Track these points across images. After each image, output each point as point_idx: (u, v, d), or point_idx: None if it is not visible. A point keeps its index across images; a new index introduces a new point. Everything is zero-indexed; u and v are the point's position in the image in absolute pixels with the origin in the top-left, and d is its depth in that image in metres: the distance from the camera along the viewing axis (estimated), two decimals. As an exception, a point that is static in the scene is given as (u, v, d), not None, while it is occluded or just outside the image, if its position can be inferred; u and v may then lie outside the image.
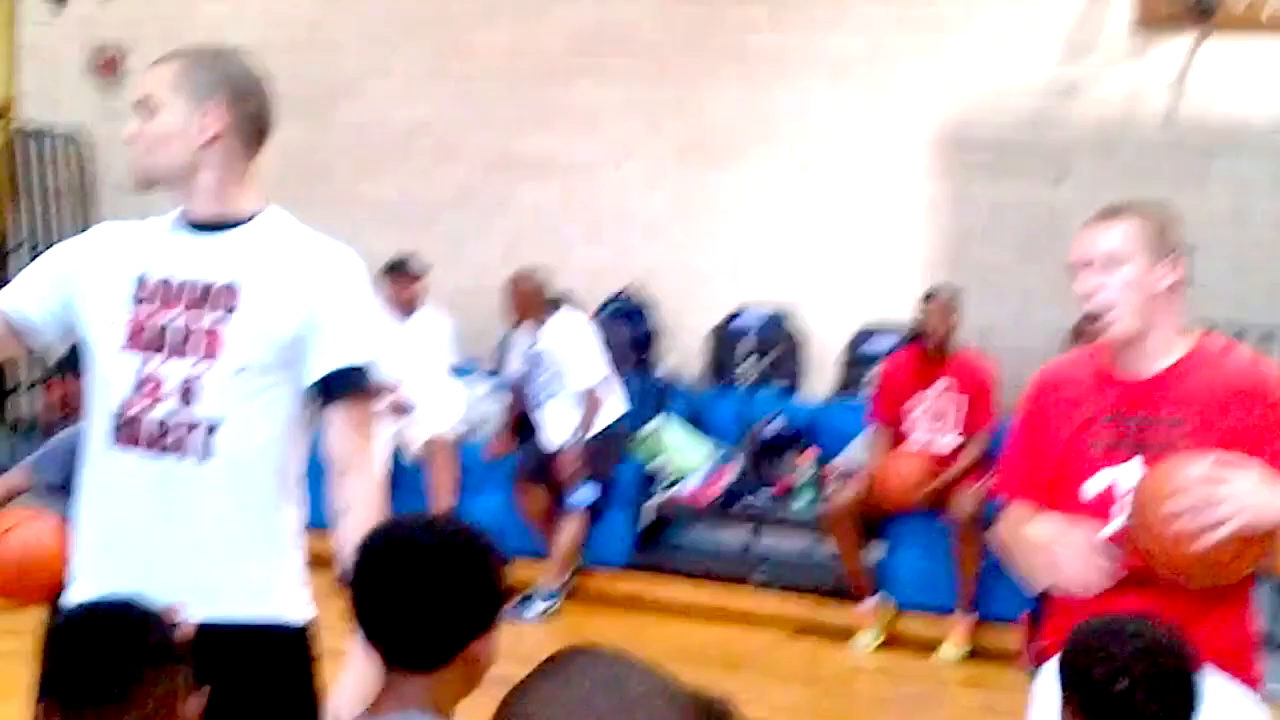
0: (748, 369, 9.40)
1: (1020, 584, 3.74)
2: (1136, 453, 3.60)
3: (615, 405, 9.01)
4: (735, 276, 9.87)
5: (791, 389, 9.58)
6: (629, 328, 9.74)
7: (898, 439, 8.59)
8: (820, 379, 9.66)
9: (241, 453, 3.32)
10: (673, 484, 9.11)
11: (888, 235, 9.55)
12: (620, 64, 10.12)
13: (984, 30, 9.31)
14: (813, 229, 9.71)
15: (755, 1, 9.79)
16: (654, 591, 8.85)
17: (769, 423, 9.18)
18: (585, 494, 8.81)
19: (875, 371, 9.03)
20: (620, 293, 10.00)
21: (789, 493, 9.10)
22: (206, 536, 3.31)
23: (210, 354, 3.33)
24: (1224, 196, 8.85)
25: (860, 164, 9.60)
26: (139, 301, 3.37)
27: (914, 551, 8.52)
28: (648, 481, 9.18)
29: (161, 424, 3.32)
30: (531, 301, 8.95)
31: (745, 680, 7.69)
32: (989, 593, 8.15)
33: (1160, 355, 3.65)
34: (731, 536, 8.97)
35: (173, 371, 3.33)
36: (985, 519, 8.25)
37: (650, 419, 9.29)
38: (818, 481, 9.02)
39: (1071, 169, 9.15)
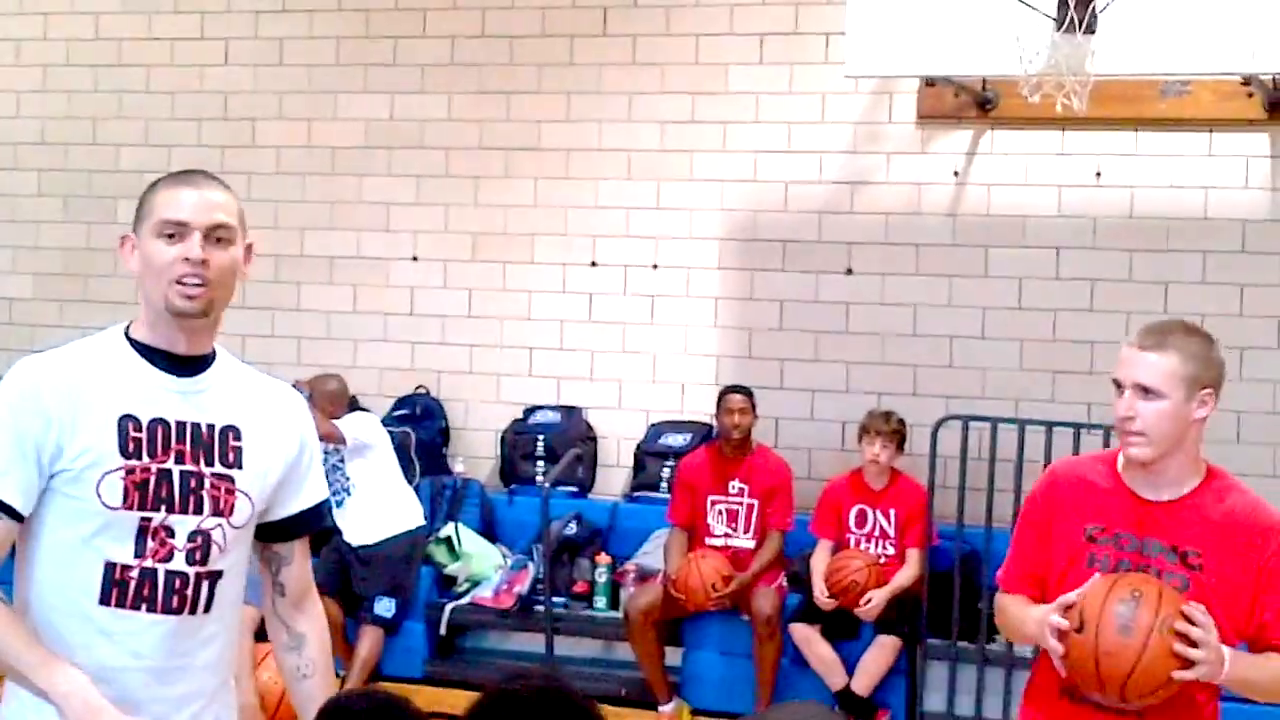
0: (542, 469, 9.28)
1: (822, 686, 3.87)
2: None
3: (412, 511, 8.85)
4: (528, 374, 9.77)
5: (585, 489, 9.47)
6: (421, 429, 9.57)
7: (695, 539, 8.56)
8: (613, 478, 9.58)
9: (232, 597, 3.38)
10: (467, 590, 8.95)
11: (678, 330, 9.52)
12: (411, 157, 9.99)
13: (772, 122, 9.34)
14: (604, 325, 9.64)
15: (547, 93, 9.72)
16: (453, 700, 8.66)
17: (564, 524, 9.07)
18: (385, 606, 8.64)
19: (671, 471, 8.99)
20: (413, 393, 9.83)
21: (586, 596, 8.99)
22: (202, 685, 3.37)
23: (224, 510, 3.30)
24: (1004, 286, 8.96)
25: (651, 258, 9.56)
26: (131, 446, 3.21)
27: (712, 654, 8.47)
28: (442, 588, 9.02)
29: (169, 583, 3.24)
30: (332, 404, 8.75)
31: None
32: (788, 692, 8.14)
33: (1176, 482, 3.82)
34: (529, 642, 8.82)
35: (180, 526, 3.26)
36: (783, 618, 8.29)
37: (444, 523, 9.13)
38: (614, 584, 8.93)
39: (859, 262, 9.20)
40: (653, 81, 9.58)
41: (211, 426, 3.30)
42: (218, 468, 3.29)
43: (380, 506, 8.69)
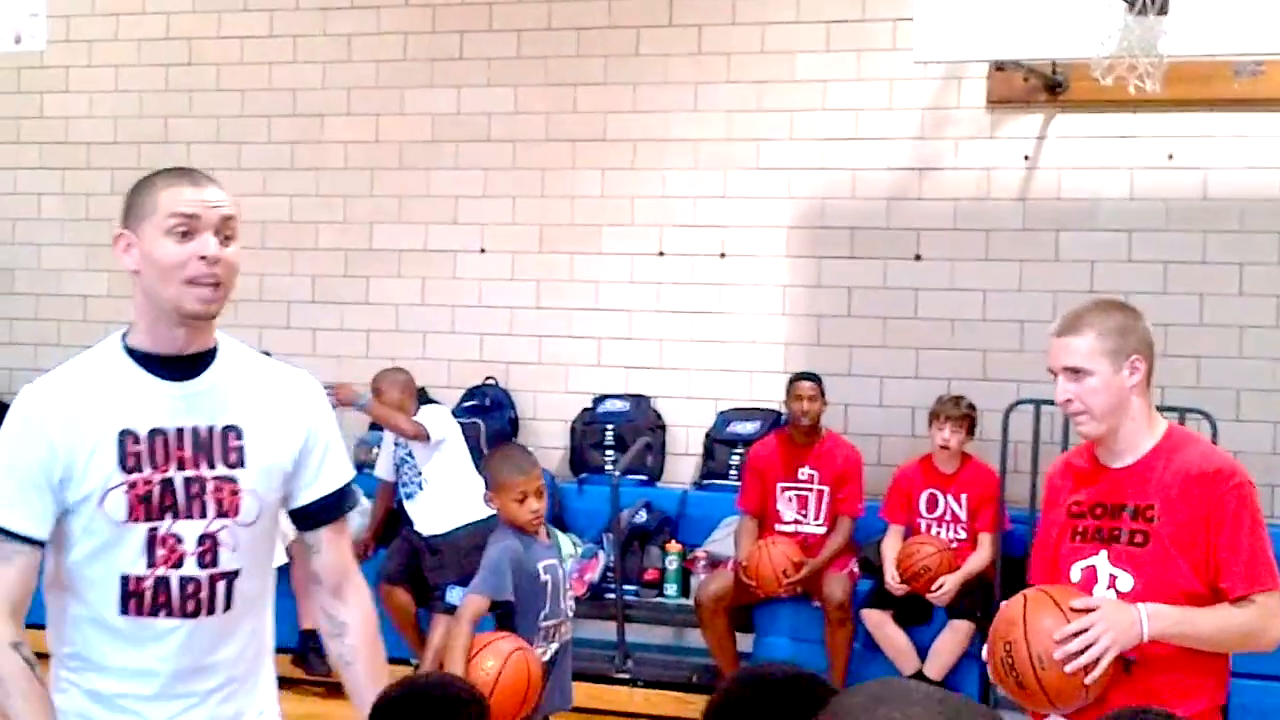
0: (612, 458, 9.28)
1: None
2: (1102, 545, 3.98)
3: (481, 502, 8.83)
4: (596, 364, 9.77)
5: (654, 477, 9.46)
6: (490, 419, 9.58)
7: (765, 526, 8.53)
8: (682, 466, 9.57)
9: (255, 591, 3.37)
10: (538, 579, 8.94)
11: (747, 318, 9.50)
12: (478, 150, 10.02)
13: (839, 110, 9.31)
14: (672, 314, 9.63)
15: (612, 85, 9.73)
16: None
17: (634, 513, 9.05)
18: (457, 595, 8.62)
19: (740, 458, 8.97)
20: (481, 384, 9.86)
21: (657, 583, 8.98)
22: (230, 675, 3.38)
23: (229, 511, 3.29)
24: (1075, 270, 8.89)
25: (718, 247, 9.54)
26: (131, 461, 3.20)
27: (783, 640, 8.43)
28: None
29: (183, 588, 3.25)
30: (401, 398, 8.78)
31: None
32: (860, 678, 8.06)
33: (1131, 448, 4.01)
34: (600, 629, 8.81)
35: (188, 532, 3.26)
36: (855, 604, 8.24)
37: (514, 513, 9.12)
38: (684, 571, 8.91)
39: (927, 248, 9.14)
40: (719, 71, 9.56)
41: (211, 428, 3.27)
42: (220, 469, 3.27)
43: (451, 497, 8.70)
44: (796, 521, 8.52)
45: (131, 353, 3.27)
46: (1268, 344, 8.64)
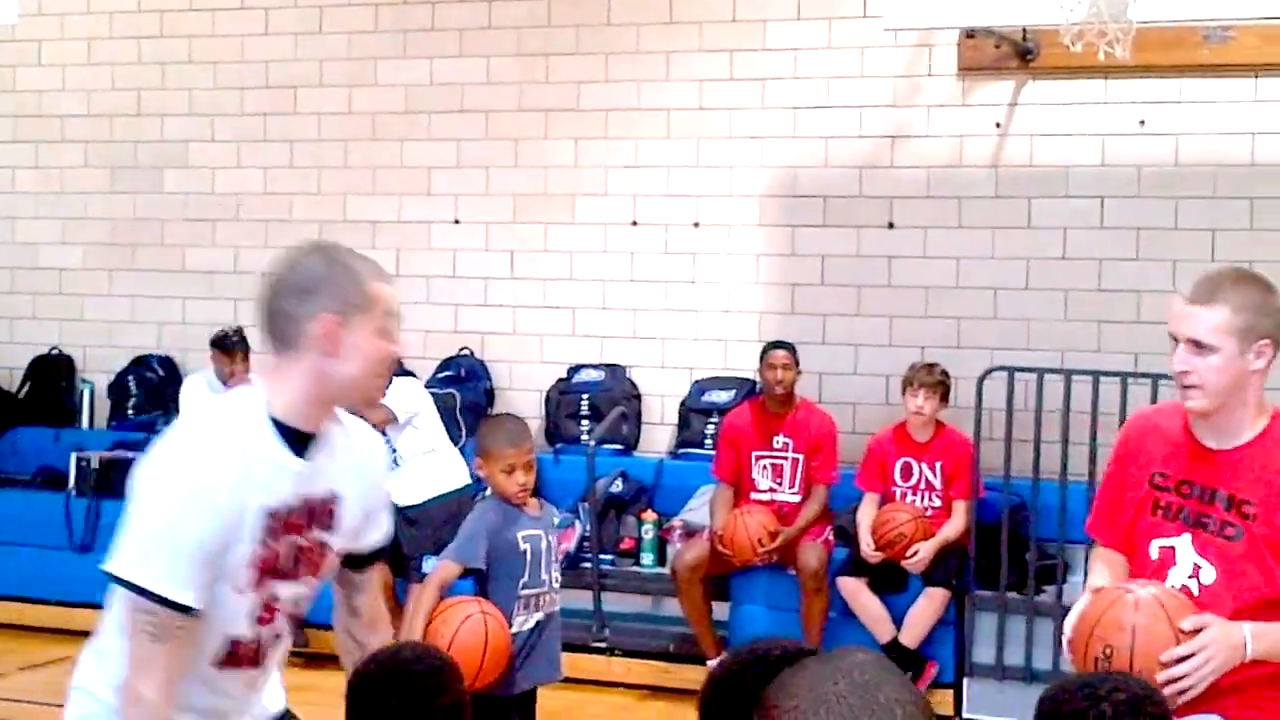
0: (587, 428, 9.31)
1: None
2: (1187, 529, 3.80)
3: (457, 472, 8.88)
4: (571, 334, 9.79)
5: (630, 447, 9.49)
6: (466, 390, 9.60)
7: (741, 494, 8.56)
8: (658, 435, 9.60)
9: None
10: (515, 549, 8.97)
11: (720, 288, 9.52)
12: (451, 121, 10.01)
13: (811, 78, 9.31)
14: (646, 283, 9.65)
15: (584, 54, 9.73)
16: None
17: (610, 483, 9.09)
18: (432, 564, 8.64)
19: (715, 427, 9.00)
20: (456, 355, 9.87)
21: (633, 553, 9.01)
22: (264, 692, 3.58)
23: (316, 571, 3.43)
24: (1048, 236, 8.91)
25: (691, 216, 9.56)
26: (268, 534, 3.27)
27: (759, 608, 8.48)
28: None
29: (271, 641, 3.41)
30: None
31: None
32: (835, 645, 8.10)
33: (1237, 431, 3.79)
34: (577, 599, 8.82)
35: (286, 593, 3.37)
36: (830, 572, 8.28)
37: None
38: (660, 540, 8.95)
39: (900, 215, 9.17)
40: (690, 40, 9.56)
41: (321, 498, 3.37)
42: (316, 533, 3.37)
43: (426, 468, 8.71)
44: (771, 490, 8.54)
45: (276, 424, 3.28)
46: (1239, 309, 8.67)
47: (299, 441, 3.29)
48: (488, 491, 8.95)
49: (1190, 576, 3.78)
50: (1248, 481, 3.75)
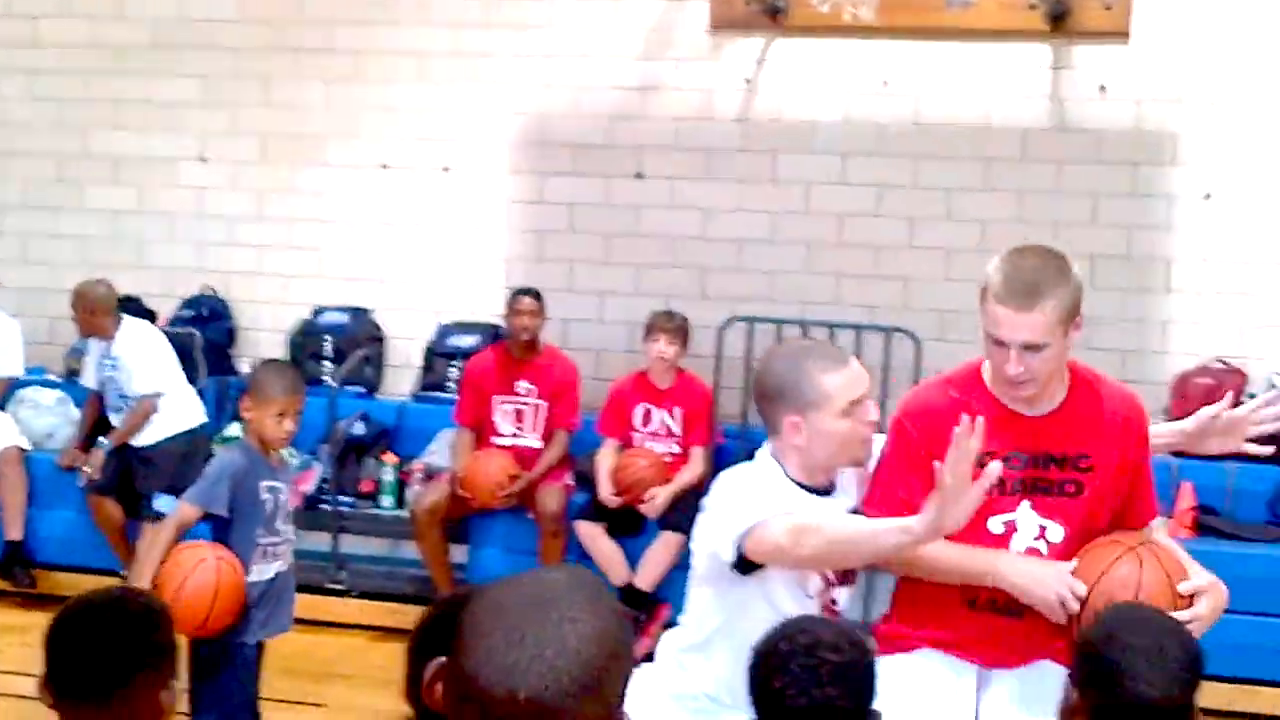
0: (330, 370, 9.23)
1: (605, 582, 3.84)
2: (1025, 496, 3.91)
3: (192, 411, 8.74)
4: (316, 276, 9.68)
5: (373, 389, 9.45)
6: (208, 330, 9.45)
7: (482, 438, 8.57)
8: (401, 378, 9.56)
9: None
10: (253, 490, 8.86)
11: (469, 233, 9.50)
12: (201, 58, 9.81)
13: (565, 28, 9.33)
14: (394, 227, 9.60)
15: (340, -6, 9.62)
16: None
17: (351, 424, 9.03)
18: (164, 503, 8.51)
19: (459, 372, 8.99)
20: (199, 294, 9.70)
21: (373, 495, 8.97)
22: None
23: None
24: (792, 191, 9.07)
25: (442, 162, 9.52)
26: None
27: (497, 551, 8.50)
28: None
29: None
30: (97, 313, 8.56)
31: (335, 689, 7.59)
32: (573, 589, 8.17)
33: (1052, 396, 3.94)
34: (315, 541, 8.76)
35: None
36: (569, 516, 8.34)
37: (229, 423, 9.03)
38: (400, 483, 8.92)
39: (649, 166, 9.24)
40: (446, -16, 9.52)
41: None
42: None
43: (160, 409, 8.57)
44: (514, 435, 8.57)
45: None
46: (973, 267, 8.85)
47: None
48: (229, 433, 8.91)
49: (1037, 539, 3.91)
50: (1077, 438, 3.88)
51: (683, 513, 8.24)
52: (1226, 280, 8.62)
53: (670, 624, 8.24)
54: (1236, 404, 4.36)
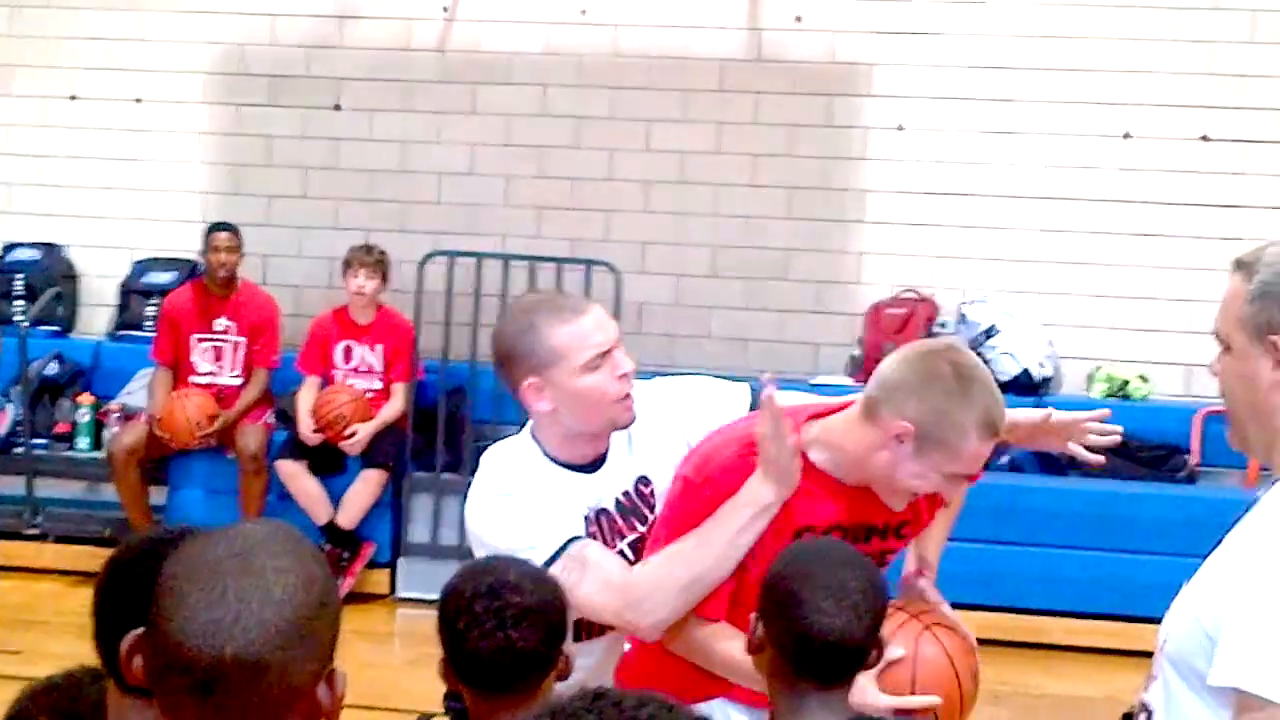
0: (21, 308, 8.98)
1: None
2: None
3: None
4: (4, 211, 9.40)
5: (66, 328, 9.24)
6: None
7: (180, 377, 8.45)
8: (96, 316, 9.35)
9: None
10: (-58, 434, 8.64)
11: (163, 166, 9.31)
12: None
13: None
14: (85, 161, 9.34)
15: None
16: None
17: (44, 364, 8.82)
18: None
19: (156, 309, 8.84)
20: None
21: (68, 437, 8.79)
22: None
23: None
24: (492, 123, 9.05)
25: (133, 92, 9.29)
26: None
27: (198, 491, 8.43)
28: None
29: None
30: None
31: (31, 635, 7.46)
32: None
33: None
34: (10, 485, 8.59)
35: None
36: (270, 455, 8.29)
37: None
38: (97, 424, 8.75)
39: (347, 98, 9.15)
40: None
41: None
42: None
43: None
44: (212, 374, 8.47)
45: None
46: (672, 199, 9.02)
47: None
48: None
49: None
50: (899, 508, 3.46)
51: (384, 449, 8.28)
52: (919, 211, 8.85)
53: (374, 562, 8.35)
54: (929, 333, 4.16)
